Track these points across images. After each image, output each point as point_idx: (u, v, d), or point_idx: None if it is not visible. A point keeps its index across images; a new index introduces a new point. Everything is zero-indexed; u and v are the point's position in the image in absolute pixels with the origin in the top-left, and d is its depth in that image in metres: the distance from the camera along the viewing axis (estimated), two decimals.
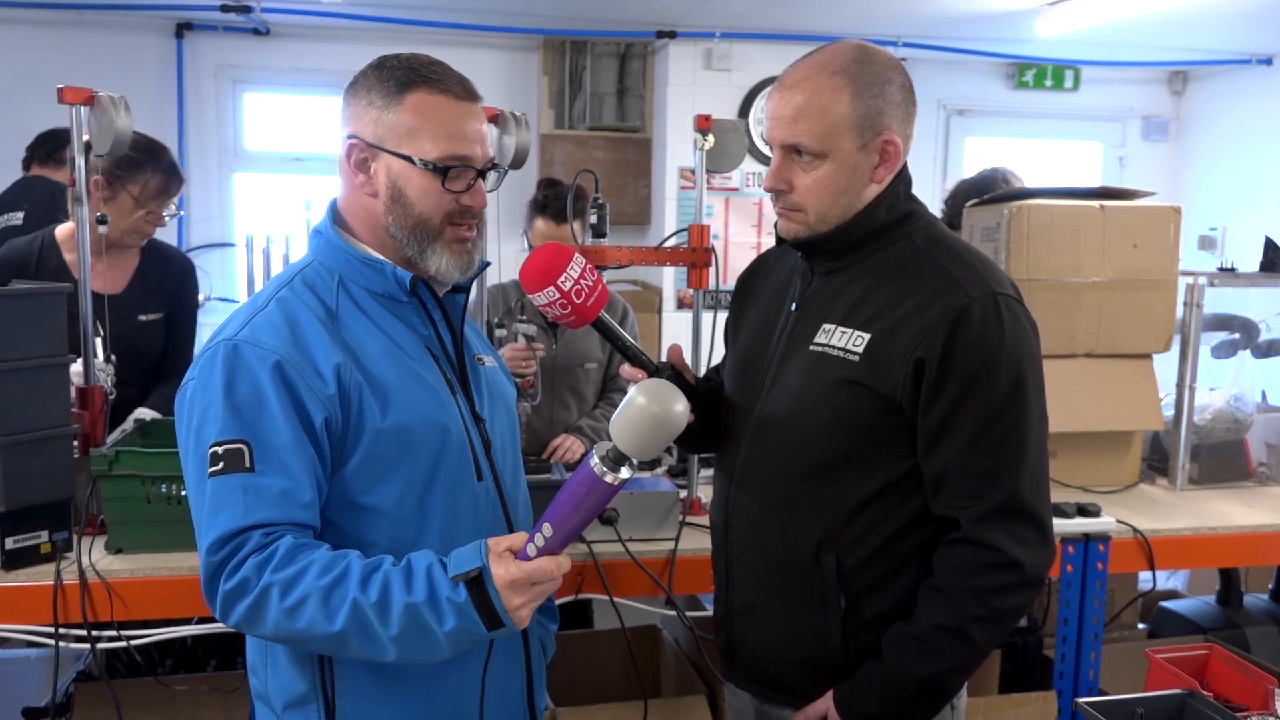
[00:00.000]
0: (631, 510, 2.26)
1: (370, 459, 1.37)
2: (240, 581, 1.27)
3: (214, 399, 1.33)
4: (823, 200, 1.50)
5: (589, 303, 1.48)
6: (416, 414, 1.40)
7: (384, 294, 1.45)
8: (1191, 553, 2.53)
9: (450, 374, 1.48)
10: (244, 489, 1.29)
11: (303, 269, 1.47)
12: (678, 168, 5.17)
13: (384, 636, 1.25)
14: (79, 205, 2.25)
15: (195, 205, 5.29)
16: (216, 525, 1.29)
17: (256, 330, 1.37)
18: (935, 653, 1.44)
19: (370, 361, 1.39)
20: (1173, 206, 2.80)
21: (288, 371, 1.33)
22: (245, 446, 1.30)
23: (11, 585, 1.97)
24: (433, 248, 1.43)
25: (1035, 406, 1.47)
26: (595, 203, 2.47)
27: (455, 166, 1.41)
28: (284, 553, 1.27)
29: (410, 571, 1.27)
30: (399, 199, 1.42)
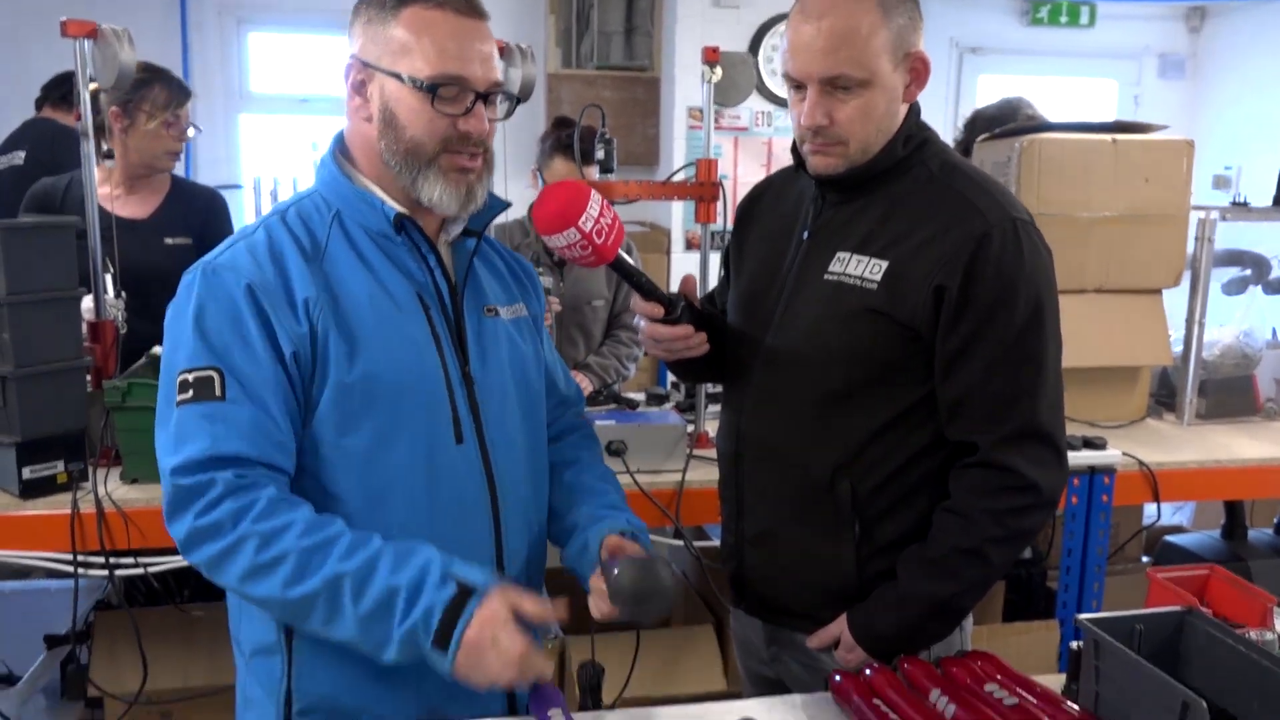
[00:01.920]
0: (639, 442, 2.28)
1: (336, 406, 1.30)
2: (214, 524, 1.21)
3: (186, 325, 1.28)
4: (866, 129, 1.47)
5: (609, 241, 1.41)
6: (387, 365, 1.31)
7: (378, 232, 1.36)
8: (1196, 485, 2.55)
9: (440, 326, 1.37)
10: (212, 418, 1.23)
11: (301, 199, 1.40)
12: (686, 107, 5.11)
13: (350, 612, 1.19)
14: (85, 140, 2.25)
15: (201, 147, 5.26)
16: (182, 452, 1.23)
17: (236, 255, 1.32)
18: (952, 574, 1.46)
19: (348, 303, 1.31)
20: (1186, 140, 2.77)
21: (259, 296, 1.27)
22: (216, 374, 1.25)
23: (30, 514, 2.01)
24: (425, 175, 1.33)
25: (1052, 332, 1.48)
26: (602, 138, 2.46)
27: (448, 85, 1.30)
28: (265, 505, 1.21)
29: (407, 556, 1.22)
30: (391, 122, 1.32)
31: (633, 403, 2.86)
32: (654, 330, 1.56)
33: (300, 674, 1.33)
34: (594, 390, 2.92)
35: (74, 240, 2.08)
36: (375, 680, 1.32)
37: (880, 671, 1.36)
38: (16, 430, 1.99)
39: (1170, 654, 1.27)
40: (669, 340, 1.57)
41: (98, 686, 2.23)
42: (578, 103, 5.06)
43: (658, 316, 1.55)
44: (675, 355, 1.61)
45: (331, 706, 1.34)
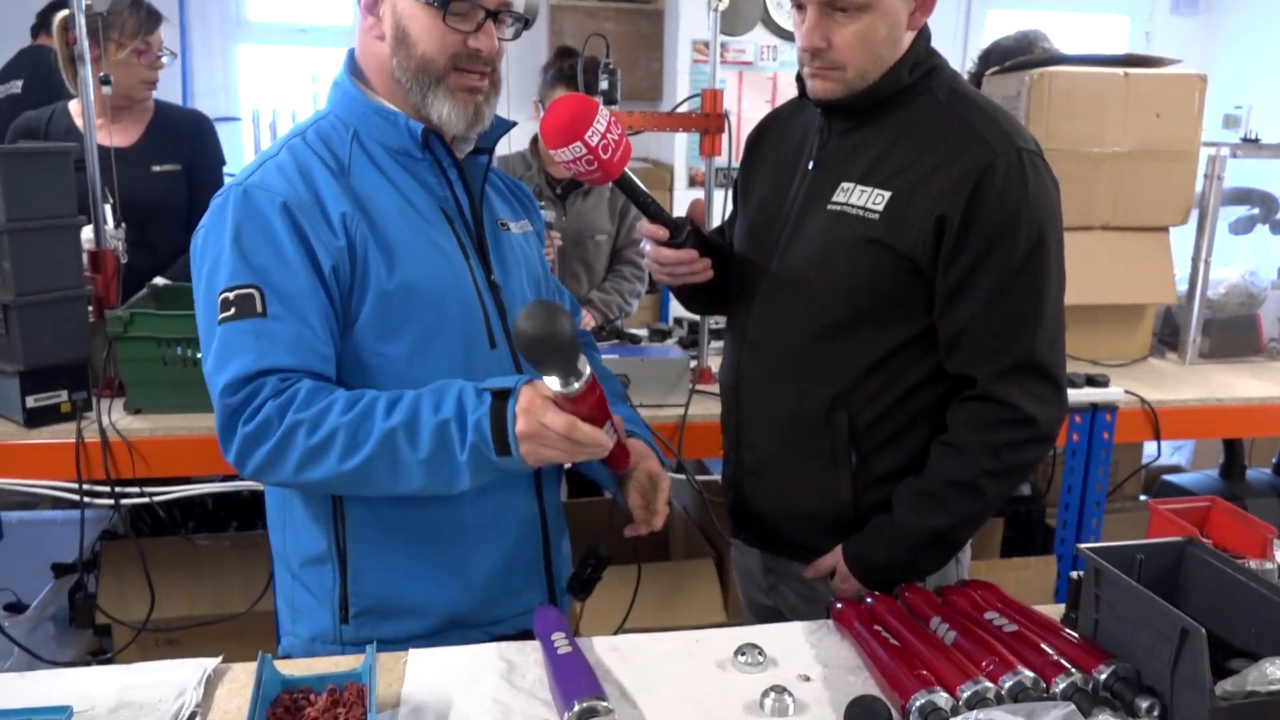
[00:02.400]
0: (642, 376, 2.28)
1: (377, 317, 1.34)
2: (262, 423, 1.24)
3: (224, 245, 1.29)
4: (864, 55, 1.44)
5: (615, 157, 1.41)
6: (424, 274, 1.36)
7: (399, 149, 1.40)
8: (1198, 423, 2.56)
9: (465, 238, 1.43)
10: (256, 334, 1.26)
11: (317, 120, 1.42)
12: (690, 40, 5.03)
13: (412, 460, 1.23)
14: (80, 65, 2.21)
15: (198, 78, 5.19)
16: (228, 370, 1.26)
17: (266, 175, 1.33)
18: (946, 506, 1.47)
19: (379, 217, 1.35)
20: (1198, 75, 2.73)
21: (296, 215, 1.30)
22: (256, 291, 1.27)
23: (34, 443, 2.02)
24: (435, 93, 1.36)
25: (1055, 265, 1.46)
26: (606, 68, 2.42)
27: (460, 1, 1.32)
28: (305, 394, 1.25)
29: (442, 393, 1.25)
30: (403, 39, 1.35)
31: (635, 338, 2.86)
32: (658, 253, 1.56)
33: (355, 578, 1.39)
34: (596, 325, 2.91)
35: (72, 168, 2.05)
36: (426, 576, 1.39)
37: (881, 599, 1.37)
38: (19, 359, 1.99)
39: (1170, 584, 1.28)
40: (673, 264, 1.56)
41: (106, 614, 2.26)
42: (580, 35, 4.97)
43: (662, 239, 1.54)
44: (679, 280, 1.60)
45: (386, 605, 1.40)
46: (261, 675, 1.09)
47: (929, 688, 1.13)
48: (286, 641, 1.48)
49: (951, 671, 1.16)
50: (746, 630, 1.36)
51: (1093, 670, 1.17)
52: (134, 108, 2.72)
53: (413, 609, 1.40)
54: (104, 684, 1.20)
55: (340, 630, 1.40)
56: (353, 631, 1.40)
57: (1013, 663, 1.17)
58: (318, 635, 1.42)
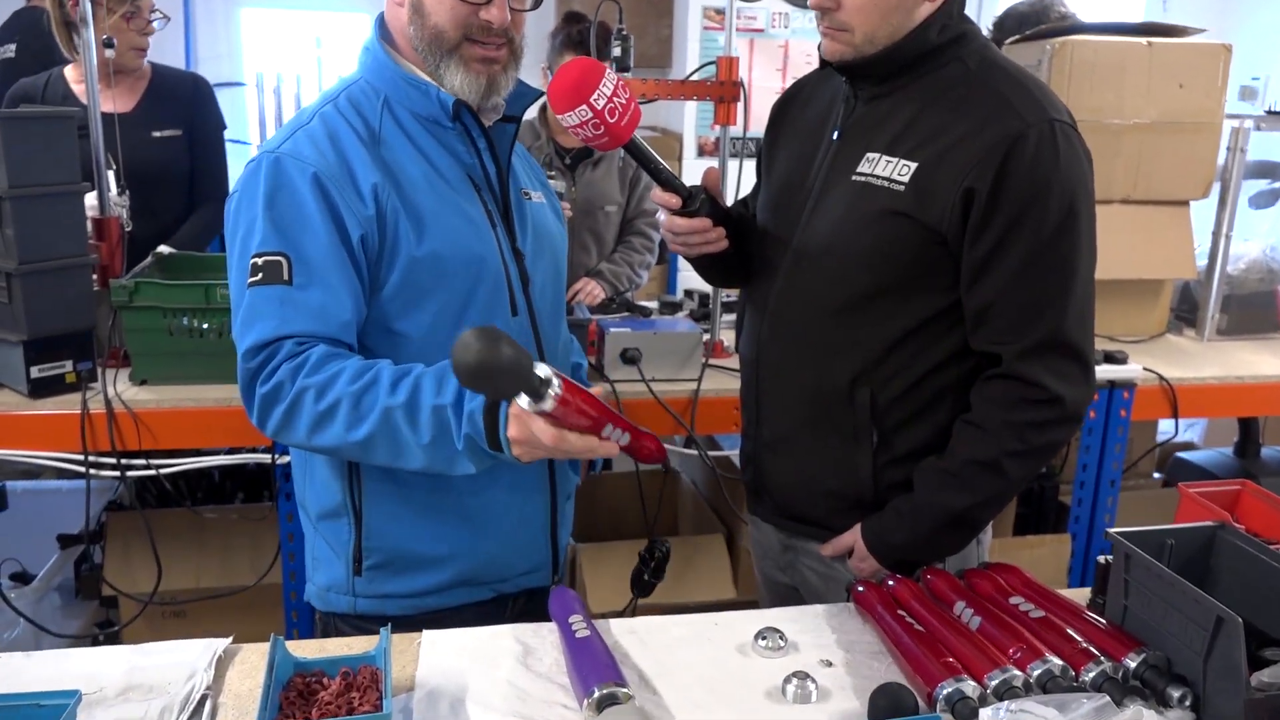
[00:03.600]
0: (654, 350, 2.24)
1: (405, 285, 1.36)
2: (275, 386, 1.27)
3: (257, 211, 1.32)
4: (871, 18, 1.40)
5: (623, 121, 1.39)
6: (452, 242, 1.38)
7: (428, 117, 1.41)
8: (1215, 401, 2.52)
9: (492, 205, 1.45)
10: (281, 300, 1.29)
11: (348, 86, 1.43)
12: (701, 7, 4.95)
13: (412, 442, 1.24)
14: (83, 27, 2.16)
15: (202, 43, 5.12)
16: (251, 334, 1.29)
17: (298, 143, 1.35)
18: (968, 486, 1.44)
19: (409, 186, 1.37)
20: (1223, 45, 2.67)
21: (326, 185, 1.32)
22: (284, 259, 1.30)
23: (39, 414, 1.99)
24: (448, 63, 1.38)
25: (1086, 240, 1.42)
26: (619, 34, 2.36)
27: None
28: (316, 359, 1.27)
29: (445, 375, 1.25)
30: (419, 8, 1.37)
31: (645, 310, 2.82)
32: (671, 222, 1.53)
33: (369, 533, 1.43)
34: (606, 298, 2.87)
35: (75, 133, 2.01)
36: (437, 533, 1.43)
37: (903, 583, 1.34)
38: (23, 328, 1.96)
39: (1201, 569, 1.25)
40: (686, 233, 1.52)
41: (112, 586, 2.24)
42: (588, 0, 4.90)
43: (675, 207, 1.51)
44: (694, 250, 1.57)
45: (397, 559, 1.44)
46: (274, 658, 1.07)
47: (956, 676, 1.10)
48: (308, 589, 1.53)
49: (978, 658, 1.14)
50: (766, 614, 1.34)
51: (1122, 658, 1.14)
52: (130, 73, 2.67)
53: (423, 563, 1.44)
54: (112, 665, 1.17)
55: (353, 582, 1.45)
56: (364, 584, 1.45)
57: (1040, 650, 1.14)
58: (333, 585, 1.47)
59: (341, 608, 1.48)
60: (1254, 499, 1.47)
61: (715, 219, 1.51)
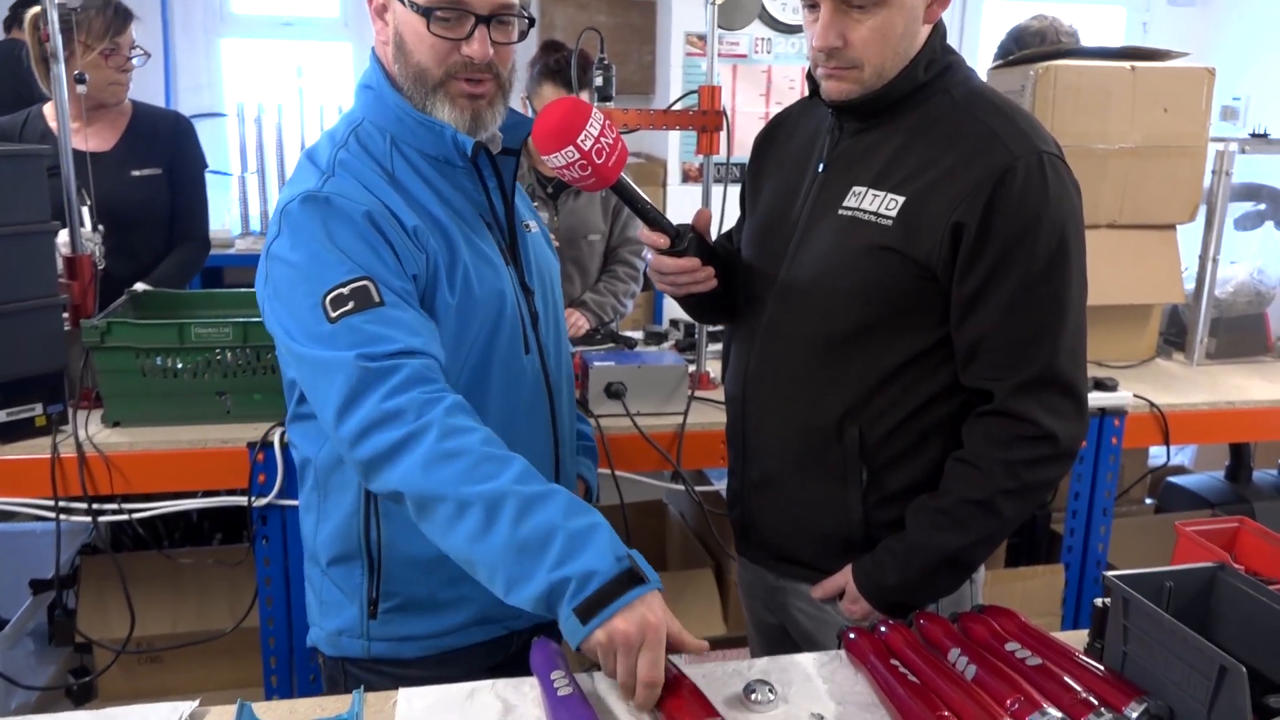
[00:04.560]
0: (639, 384, 2.21)
1: (444, 327, 1.32)
2: (398, 409, 1.17)
3: (318, 248, 1.25)
4: (882, 52, 1.38)
5: (610, 162, 1.36)
6: (479, 285, 1.36)
7: (438, 157, 1.38)
8: (1207, 427, 2.50)
9: (503, 243, 1.43)
10: (382, 321, 1.21)
11: (354, 128, 1.38)
12: (684, 33, 4.93)
13: (504, 533, 1.11)
14: (54, 63, 2.13)
15: (182, 73, 5.09)
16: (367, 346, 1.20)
17: (339, 184, 1.30)
18: (961, 526, 1.41)
19: (438, 229, 1.34)
20: (1206, 69, 2.67)
21: (380, 223, 1.27)
22: (370, 283, 1.23)
23: (8, 458, 1.94)
24: (433, 100, 1.35)
25: (1076, 273, 1.39)
26: (601, 64, 2.34)
27: (443, 9, 1.30)
28: (453, 403, 1.20)
29: (581, 509, 1.14)
30: (401, 45, 1.35)
31: (630, 341, 2.78)
32: (659, 262, 1.50)
33: (388, 576, 1.40)
34: (591, 328, 2.84)
35: (44, 170, 1.97)
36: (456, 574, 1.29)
37: (896, 629, 1.30)
38: None
39: (1201, 611, 1.21)
40: (674, 273, 1.50)
41: (83, 634, 2.18)
42: (571, 27, 4.90)
43: (663, 247, 1.48)
44: (682, 290, 1.54)
45: (415, 602, 1.42)
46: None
47: None
48: (313, 633, 1.50)
49: (975, 711, 1.10)
50: (756, 663, 1.29)
51: (1123, 708, 1.10)
52: (110, 110, 2.63)
53: (440, 606, 1.42)
54: None
55: (368, 626, 1.42)
56: (379, 627, 1.42)
57: (1039, 701, 1.10)
58: (345, 630, 1.44)
59: (355, 652, 1.44)
60: (1252, 536, 1.44)
61: (704, 258, 1.48)
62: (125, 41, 2.55)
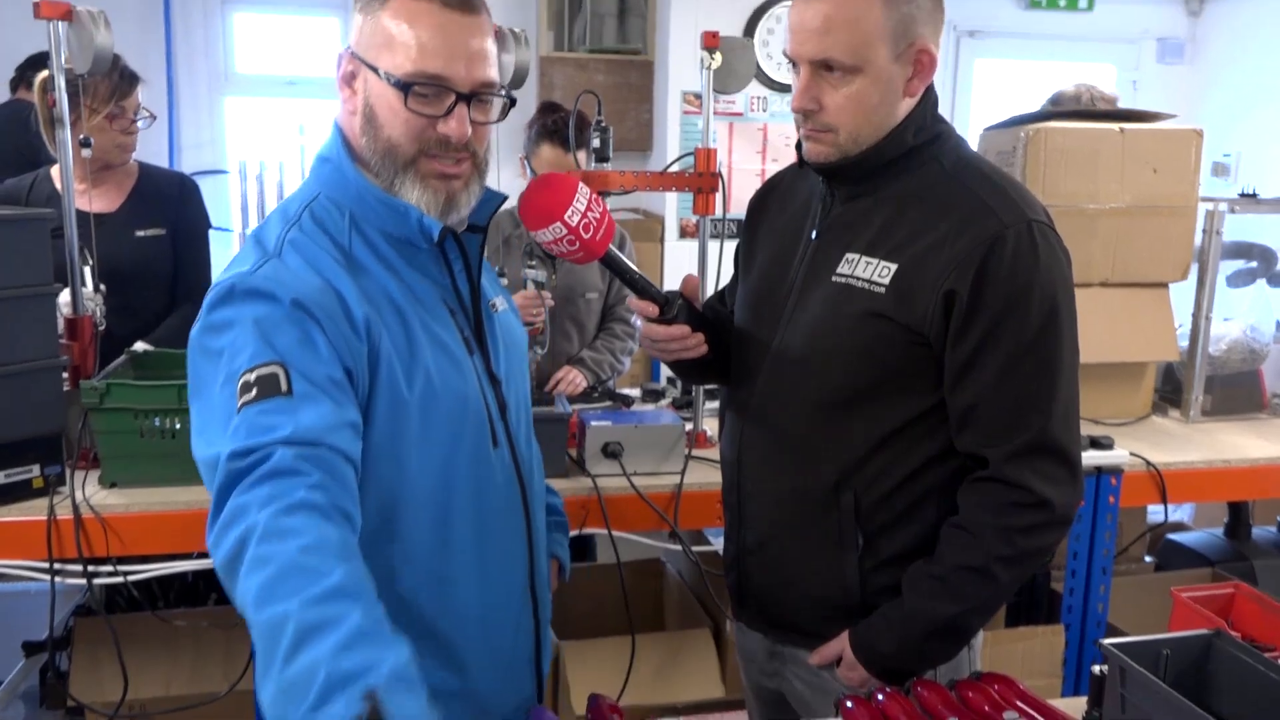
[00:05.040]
0: (636, 443, 2.21)
1: (392, 427, 1.23)
2: (240, 508, 1.03)
3: (237, 332, 1.15)
4: (856, 119, 1.40)
5: (598, 236, 1.37)
6: (437, 378, 1.25)
7: (400, 238, 1.28)
8: (1203, 485, 2.50)
9: (467, 330, 1.33)
10: (280, 411, 1.09)
11: (309, 204, 1.28)
12: (680, 91, 5.01)
13: (276, 672, 0.92)
14: (60, 127, 2.16)
15: (185, 131, 5.15)
16: (246, 438, 1.07)
17: (277, 271, 1.20)
18: (958, 593, 1.41)
19: (394, 319, 1.24)
20: (1194, 130, 2.71)
21: (312, 309, 1.17)
22: (280, 369, 1.12)
23: (4, 520, 1.94)
24: (403, 179, 1.25)
25: (1068, 339, 1.41)
26: (598, 126, 2.38)
27: (423, 84, 1.21)
28: (298, 500, 1.02)
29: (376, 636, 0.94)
30: (371, 118, 1.25)
31: (628, 399, 2.79)
32: (649, 329, 1.52)
33: None
34: (588, 386, 2.85)
35: (47, 233, 1.99)
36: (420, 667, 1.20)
37: (893, 697, 1.30)
38: None
39: (1197, 678, 1.21)
40: (664, 340, 1.52)
41: (75, 699, 2.17)
42: (570, 86, 4.97)
43: (652, 316, 1.50)
44: (671, 356, 1.56)
45: None
46: None
47: None
48: None
49: None
50: None
51: None
52: (116, 171, 2.66)
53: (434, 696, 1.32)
54: None
55: None
56: None
57: None
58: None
59: None
60: (1248, 602, 1.44)
61: (694, 324, 1.50)
62: (131, 105, 2.58)
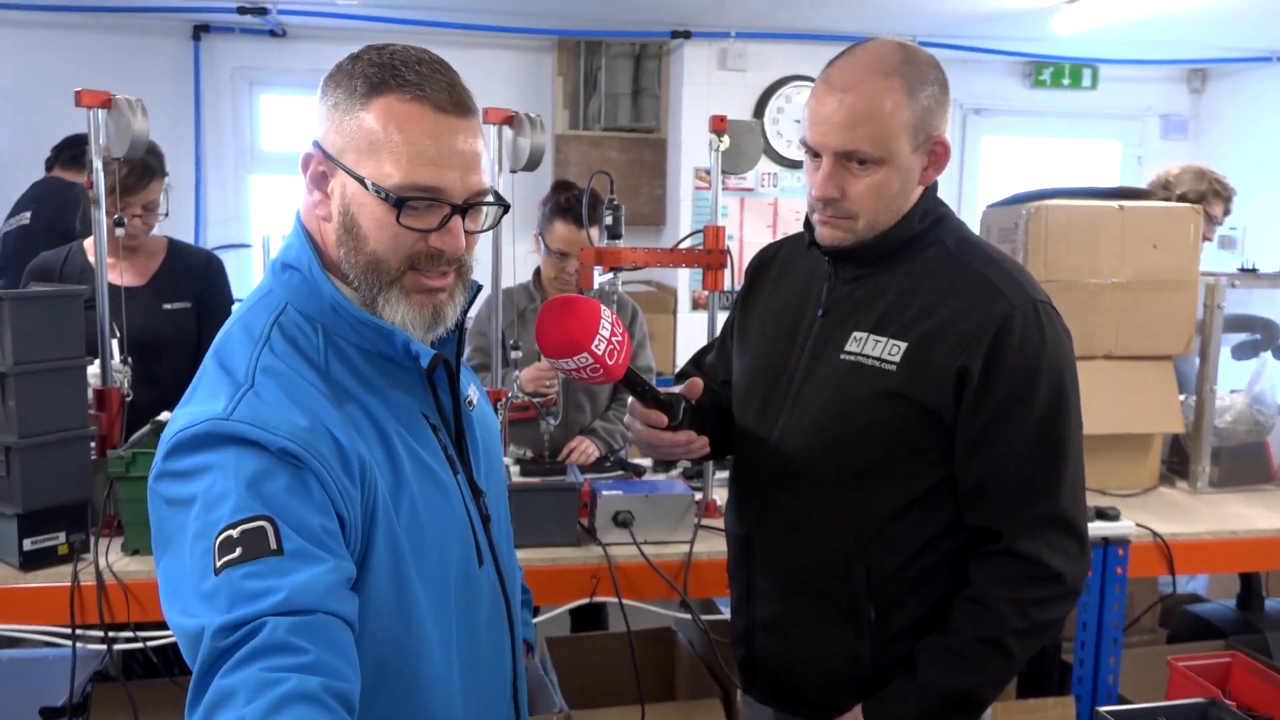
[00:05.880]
0: (646, 513, 2.25)
1: (390, 560, 1.11)
2: (228, 691, 0.91)
3: (218, 478, 1.00)
4: (877, 207, 1.46)
5: (619, 360, 1.32)
6: (424, 505, 1.14)
7: (379, 353, 1.16)
8: (1212, 557, 2.51)
9: (449, 445, 1.21)
10: (272, 573, 0.96)
11: (275, 318, 1.14)
12: (693, 168, 5.15)
13: None
14: (95, 208, 2.26)
15: (212, 207, 5.31)
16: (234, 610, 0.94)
17: (254, 409, 1.05)
18: (973, 665, 1.43)
19: (378, 445, 1.12)
20: (1193, 207, 2.78)
21: (304, 458, 1.03)
22: (269, 524, 0.98)
23: (29, 586, 1.99)
24: (387, 296, 1.13)
25: (1074, 415, 1.46)
26: (611, 204, 2.46)
27: (418, 198, 1.10)
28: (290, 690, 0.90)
29: None
30: (352, 229, 1.11)
31: (639, 469, 2.83)
32: (652, 436, 1.53)
33: None
34: (600, 455, 2.89)
35: (81, 309, 2.07)
36: None
37: None
38: (19, 502, 1.97)
39: None
40: (669, 447, 1.55)
41: None
42: (584, 164, 5.11)
43: (661, 425, 1.52)
44: (673, 459, 1.60)
45: None
46: None
47: None
48: None
49: None
50: None
51: None
52: (146, 246, 2.77)
53: None
54: None
55: None
56: None
57: None
58: None
59: None
60: (1244, 671, 1.45)
61: (696, 427, 1.54)
62: (149, 197, 2.67)
